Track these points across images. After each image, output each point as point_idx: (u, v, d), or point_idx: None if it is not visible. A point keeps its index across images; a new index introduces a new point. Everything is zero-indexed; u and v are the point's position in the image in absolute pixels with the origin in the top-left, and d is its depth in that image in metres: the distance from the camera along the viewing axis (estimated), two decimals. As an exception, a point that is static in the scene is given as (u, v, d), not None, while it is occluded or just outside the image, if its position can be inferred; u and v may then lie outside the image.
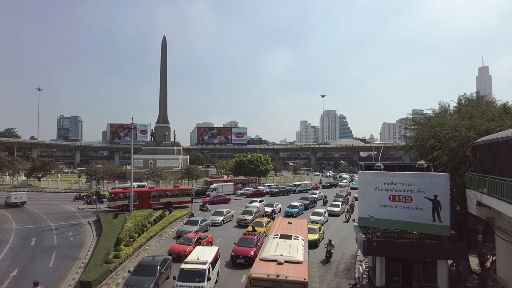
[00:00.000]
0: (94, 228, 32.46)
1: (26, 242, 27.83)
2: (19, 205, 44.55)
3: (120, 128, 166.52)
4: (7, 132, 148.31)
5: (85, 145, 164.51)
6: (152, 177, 67.12)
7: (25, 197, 46.40)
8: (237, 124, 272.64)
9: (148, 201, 42.79)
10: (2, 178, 75.50)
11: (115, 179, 71.01)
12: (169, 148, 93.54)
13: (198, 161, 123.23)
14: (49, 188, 65.51)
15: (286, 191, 62.36)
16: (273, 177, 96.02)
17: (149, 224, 31.62)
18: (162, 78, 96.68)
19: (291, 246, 17.61)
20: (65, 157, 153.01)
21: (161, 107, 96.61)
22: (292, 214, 38.47)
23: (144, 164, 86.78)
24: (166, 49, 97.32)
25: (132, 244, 25.13)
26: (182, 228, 30.07)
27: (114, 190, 44.66)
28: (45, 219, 36.76)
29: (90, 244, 27.32)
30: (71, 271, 21.26)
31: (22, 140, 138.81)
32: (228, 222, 36.25)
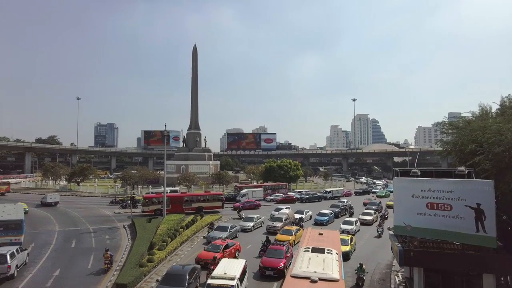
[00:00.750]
0: (129, 232, 33.51)
1: (67, 244, 29.23)
2: (53, 204, 50.50)
3: (153, 134, 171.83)
4: (50, 139, 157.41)
5: (121, 151, 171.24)
6: (184, 182, 68.47)
7: (58, 197, 52.97)
8: (266, 129, 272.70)
9: (181, 205, 43.63)
10: (46, 182, 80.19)
11: (149, 184, 73.17)
12: (200, 154, 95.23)
13: (228, 166, 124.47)
14: (87, 193, 68.63)
15: (317, 197, 61.35)
16: (303, 183, 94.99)
17: (181, 229, 32.21)
18: (193, 85, 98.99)
19: (324, 261, 16.25)
20: (102, 162, 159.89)
21: (192, 114, 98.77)
22: (322, 223, 37.56)
23: (177, 170, 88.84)
24: (197, 57, 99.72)
25: (165, 248, 25.66)
26: (212, 234, 29.99)
27: (148, 195, 45.96)
28: (84, 222, 38.47)
29: (125, 247, 28.21)
30: (107, 273, 21.98)
31: (63, 147, 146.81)
32: (258, 228, 36.03)
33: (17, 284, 20.05)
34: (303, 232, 22.79)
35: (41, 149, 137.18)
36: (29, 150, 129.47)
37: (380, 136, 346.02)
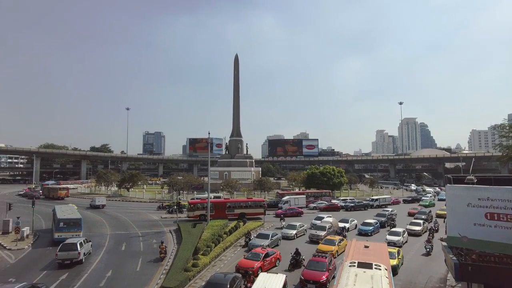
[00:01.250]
0: (175, 237, 34.55)
1: (118, 247, 30.79)
2: (100, 207, 56.15)
3: (198, 142, 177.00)
4: (103, 148, 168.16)
5: (167, 158, 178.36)
6: (227, 188, 69.55)
7: (105, 201, 58.94)
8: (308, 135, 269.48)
9: (224, 211, 44.28)
10: (99, 188, 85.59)
11: (194, 189, 75.26)
12: (242, 160, 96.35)
13: (269, 173, 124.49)
14: (136, 198, 72.10)
15: (362, 205, 59.07)
16: (348, 190, 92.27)
17: (224, 234, 32.61)
18: (235, 93, 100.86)
19: (373, 278, 14.72)
20: (150, 169, 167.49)
21: (234, 122, 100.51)
22: (366, 233, 35.67)
23: (220, 176, 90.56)
24: (238, 66, 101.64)
25: (209, 254, 26.08)
26: (253, 242, 29.64)
27: (193, 201, 47.22)
28: (133, 226, 40.34)
29: (171, 251, 29.06)
30: (154, 276, 22.80)
31: (114, 155, 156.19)
32: (301, 237, 35.28)
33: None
34: (347, 244, 21.03)
35: (95, 156, 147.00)
36: (84, 158, 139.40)
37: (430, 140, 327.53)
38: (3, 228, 35.31)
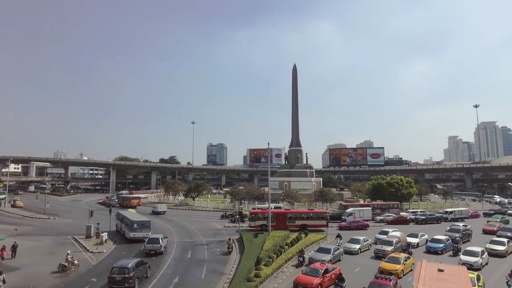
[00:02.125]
0: (237, 246, 35.07)
1: (184, 254, 32.16)
2: (161, 213, 62.72)
3: (258, 152, 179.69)
4: (171, 159, 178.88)
5: (229, 169, 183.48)
6: (287, 199, 69.11)
7: (165, 208, 65.85)
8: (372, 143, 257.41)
9: (285, 222, 43.96)
10: (167, 197, 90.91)
11: (255, 199, 76.12)
12: (302, 170, 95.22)
13: (331, 183, 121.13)
14: (201, 207, 75.07)
15: (435, 218, 54.29)
16: (418, 202, 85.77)
17: (286, 246, 32.28)
18: (294, 103, 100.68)
19: None
20: (213, 179, 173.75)
21: (293, 131, 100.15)
22: (436, 251, 31.78)
23: (280, 186, 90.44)
24: (296, 75, 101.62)
25: (271, 265, 25.96)
26: (314, 256, 28.34)
27: (254, 211, 47.70)
28: (198, 235, 41.92)
29: (234, 261, 29.53)
30: (218, 285, 23.29)
31: (181, 166, 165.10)
32: (366, 251, 33.28)
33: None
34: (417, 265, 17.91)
35: (164, 168, 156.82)
36: (154, 169, 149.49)
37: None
38: (86, 232, 39.16)
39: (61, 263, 26.24)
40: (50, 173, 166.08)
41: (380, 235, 37.07)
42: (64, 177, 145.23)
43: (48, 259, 29.45)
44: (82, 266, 27.46)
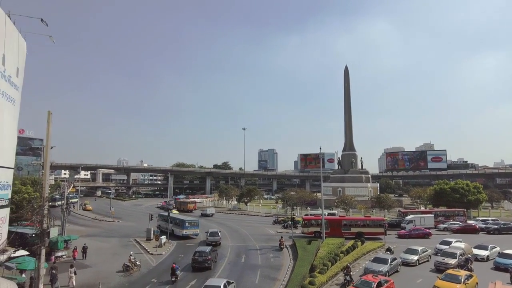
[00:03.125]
0: (290, 252, 34.68)
1: (238, 259, 32.54)
2: (209, 215, 67.40)
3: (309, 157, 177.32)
4: (224, 165, 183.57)
5: (280, 174, 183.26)
6: (342, 205, 67.08)
7: (213, 210, 71.52)
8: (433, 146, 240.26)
9: (339, 229, 42.64)
10: (221, 202, 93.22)
11: (307, 205, 75.02)
12: (357, 175, 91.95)
13: (388, 189, 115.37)
14: (253, 212, 75.76)
15: (511, 228, 48.76)
16: (489, 209, 78.13)
17: (341, 254, 31.20)
18: (346, 106, 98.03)
19: None
20: (264, 184, 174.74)
21: (346, 135, 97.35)
22: (506, 268, 27.24)
23: (333, 192, 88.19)
24: (348, 78, 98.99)
25: (325, 273, 25.23)
26: (370, 266, 26.75)
27: (307, 217, 46.94)
28: (251, 240, 42.23)
29: (288, 267, 29.22)
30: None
31: (233, 171, 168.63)
32: (425, 263, 30.35)
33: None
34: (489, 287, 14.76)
35: (217, 173, 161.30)
36: (208, 174, 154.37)
37: None
38: (146, 235, 41.44)
39: (125, 263, 28.03)
40: (114, 179, 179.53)
41: (441, 245, 34.09)
42: (127, 183, 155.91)
43: (113, 259, 31.62)
44: (143, 267, 29.04)
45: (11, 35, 23.61)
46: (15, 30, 24.27)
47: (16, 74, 25.21)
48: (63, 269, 25.55)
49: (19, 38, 25.26)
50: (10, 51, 23.33)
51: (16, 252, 24.02)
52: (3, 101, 22.98)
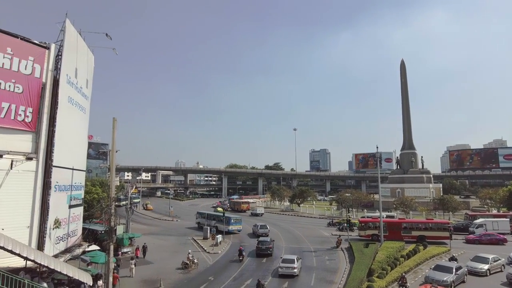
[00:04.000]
0: (347, 255, 33.68)
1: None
2: (259, 215, 69.88)
3: (364, 157, 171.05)
4: (275, 166, 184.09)
5: (334, 175, 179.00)
6: (401, 207, 63.63)
7: (263, 210, 74.74)
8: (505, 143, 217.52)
9: (399, 232, 40.48)
10: (273, 202, 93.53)
11: (363, 207, 72.30)
12: (417, 176, 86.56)
13: (453, 190, 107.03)
14: (306, 213, 74.86)
15: None
16: None
17: (401, 258, 29.55)
18: (404, 102, 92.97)
19: None
20: (317, 185, 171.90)
21: (405, 133, 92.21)
22: None
23: (391, 193, 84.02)
24: (405, 72, 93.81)
25: (385, 277, 24.08)
26: (432, 275, 23.94)
27: (364, 219, 45.25)
28: (305, 241, 41.75)
29: (344, 270, 28.40)
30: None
31: (285, 172, 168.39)
32: (497, 274, 27.07)
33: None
34: None
35: (269, 174, 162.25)
36: (260, 175, 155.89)
37: None
38: (203, 234, 42.98)
39: (184, 261, 29.33)
40: (172, 180, 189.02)
41: None
42: (184, 183, 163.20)
43: (173, 256, 33.23)
44: (201, 265, 30.12)
45: (82, 50, 26.01)
46: (85, 46, 26.70)
47: (86, 85, 27.71)
48: (126, 265, 27.46)
49: (88, 53, 27.75)
50: (81, 65, 25.73)
51: (89, 247, 26.37)
52: (76, 110, 25.39)
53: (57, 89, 21.85)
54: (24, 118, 20.19)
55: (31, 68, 20.68)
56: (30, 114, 20.44)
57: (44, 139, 20.92)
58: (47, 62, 21.59)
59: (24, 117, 20.19)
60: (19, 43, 20.38)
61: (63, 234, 22.97)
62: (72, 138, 24.75)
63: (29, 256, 15.98)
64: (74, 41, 24.15)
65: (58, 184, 22.19)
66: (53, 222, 21.17)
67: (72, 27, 23.62)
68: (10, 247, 15.18)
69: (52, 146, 21.18)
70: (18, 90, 19.91)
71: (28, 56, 20.59)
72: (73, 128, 25.00)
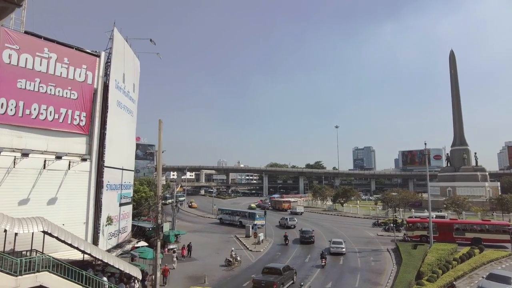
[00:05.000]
0: (393, 257, 32.37)
1: (336, 261, 31.69)
2: (299, 213, 69.05)
3: (411, 154, 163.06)
4: (316, 165, 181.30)
5: (379, 174, 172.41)
6: (452, 207, 59.79)
7: (303, 209, 74.44)
8: None
9: (450, 234, 38.10)
10: (315, 202, 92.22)
11: (411, 207, 69.02)
12: (470, 173, 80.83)
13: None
14: (350, 213, 72.93)
15: None
16: None
17: (454, 261, 27.78)
18: (454, 95, 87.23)
19: None
20: (361, 185, 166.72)
21: (455, 128, 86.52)
22: None
23: (441, 192, 79.37)
24: (455, 63, 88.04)
25: (435, 281, 22.80)
26: (485, 285, 21.14)
27: (412, 219, 43.18)
28: (349, 242, 40.64)
29: (390, 272, 27.32)
30: None
31: (327, 171, 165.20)
32: None
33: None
34: None
35: (310, 173, 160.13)
36: (301, 174, 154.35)
37: None
38: (246, 232, 43.49)
39: (227, 258, 29.89)
40: (215, 179, 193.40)
41: None
42: (226, 182, 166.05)
43: (216, 254, 34.00)
44: (244, 262, 30.53)
45: (128, 56, 27.46)
46: (131, 52, 28.15)
47: (133, 89, 29.21)
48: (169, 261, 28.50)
49: (134, 58, 29.21)
50: (128, 70, 27.17)
51: (138, 243, 27.78)
52: (124, 113, 26.86)
53: (107, 94, 23.28)
54: (79, 122, 21.75)
55: (84, 75, 22.22)
56: (84, 118, 21.98)
57: (96, 141, 22.39)
58: (98, 69, 23.07)
59: (79, 121, 21.75)
60: (73, 53, 21.98)
61: (114, 230, 24.43)
62: (121, 139, 26.22)
63: (86, 250, 17.22)
64: (121, 48, 25.55)
65: (110, 183, 23.62)
66: (105, 219, 22.59)
67: (119, 35, 25.02)
68: (69, 241, 16.46)
69: (103, 147, 22.61)
70: (73, 97, 21.48)
71: (81, 65, 22.13)
72: (122, 130, 26.47)
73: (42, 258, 15.55)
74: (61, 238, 16.17)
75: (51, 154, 19.81)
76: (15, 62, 18.84)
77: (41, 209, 18.70)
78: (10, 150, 18.23)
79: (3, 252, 15.22)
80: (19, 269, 14.50)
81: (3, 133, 18.28)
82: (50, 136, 20.28)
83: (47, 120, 20.14)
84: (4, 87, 18.37)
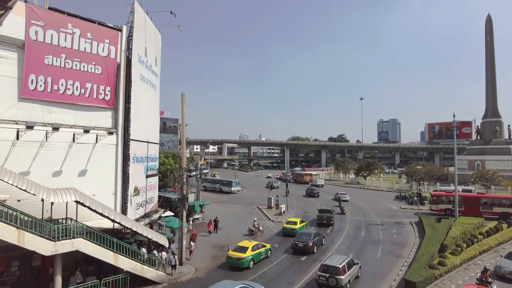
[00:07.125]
0: (416, 230, 32.23)
1: (358, 232, 31.94)
2: (319, 186, 70.42)
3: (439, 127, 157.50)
4: (339, 138, 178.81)
5: (404, 146, 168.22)
6: (480, 181, 58.01)
7: (323, 182, 75.86)
8: None
9: (477, 208, 37.27)
10: (338, 175, 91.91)
11: (436, 181, 67.62)
12: (503, 147, 77.44)
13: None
14: (373, 186, 72.41)
15: None
16: None
17: (480, 235, 27.33)
18: (489, 64, 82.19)
19: None
20: (385, 158, 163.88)
21: (488, 99, 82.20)
22: None
23: (469, 166, 76.89)
24: (492, 29, 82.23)
25: (459, 254, 22.64)
26: (503, 264, 20.42)
27: (437, 193, 42.44)
28: (372, 214, 40.71)
29: (413, 244, 27.32)
30: (395, 267, 22.12)
31: (350, 144, 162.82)
32: None
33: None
34: None
35: (333, 146, 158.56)
36: (324, 147, 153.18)
37: None
38: (268, 203, 44.31)
39: (250, 228, 30.74)
40: (237, 153, 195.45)
41: None
42: (248, 155, 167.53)
43: (240, 224, 34.99)
44: (266, 232, 31.33)
45: (150, 30, 27.42)
46: (152, 25, 28.06)
47: (155, 63, 29.36)
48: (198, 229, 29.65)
49: (155, 32, 29.15)
50: (149, 44, 27.22)
51: (165, 213, 28.91)
52: (147, 87, 27.21)
53: (130, 68, 23.53)
54: (104, 97, 22.25)
55: (107, 50, 22.44)
56: (109, 93, 22.44)
57: (121, 115, 22.91)
58: (120, 44, 23.20)
59: (104, 95, 22.23)
60: (96, 27, 22.15)
61: (141, 201, 25.45)
62: (146, 113, 26.71)
63: (116, 219, 18.14)
64: (142, 21, 25.49)
65: (136, 156, 24.36)
66: (133, 190, 23.49)
67: (140, 8, 24.88)
68: (100, 210, 17.36)
69: (128, 121, 23.14)
70: (98, 71, 21.87)
71: (104, 39, 22.33)
72: (146, 104, 26.91)
73: (76, 225, 16.57)
74: (93, 208, 17.08)
75: (80, 128, 20.52)
76: (41, 39, 19.23)
77: (72, 181, 19.66)
78: (42, 124, 18.99)
79: (42, 219, 16.31)
80: (57, 235, 15.59)
81: (35, 108, 19.03)
82: (77, 110, 20.92)
83: (74, 95, 20.71)
84: (33, 63, 18.91)
